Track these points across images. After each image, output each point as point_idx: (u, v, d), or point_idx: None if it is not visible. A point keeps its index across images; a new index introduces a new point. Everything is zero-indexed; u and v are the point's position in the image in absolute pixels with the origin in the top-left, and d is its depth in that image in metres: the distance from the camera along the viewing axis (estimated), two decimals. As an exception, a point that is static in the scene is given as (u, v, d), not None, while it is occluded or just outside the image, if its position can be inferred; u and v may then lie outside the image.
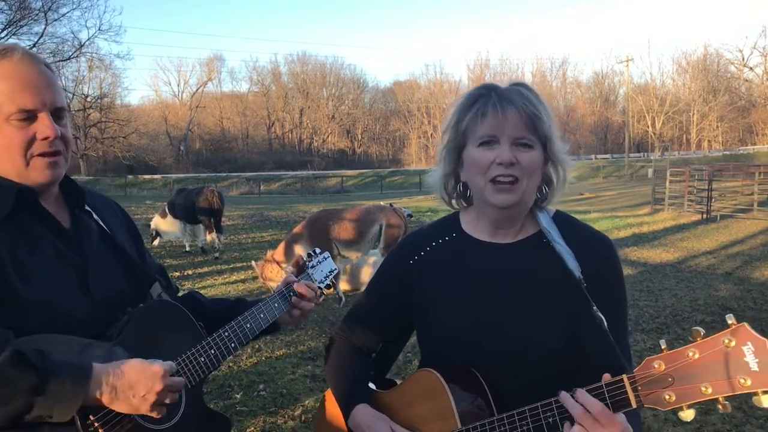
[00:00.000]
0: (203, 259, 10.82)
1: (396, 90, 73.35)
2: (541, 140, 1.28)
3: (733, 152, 53.65)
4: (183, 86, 69.99)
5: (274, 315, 1.56)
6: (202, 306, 1.54)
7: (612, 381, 1.08)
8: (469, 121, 1.29)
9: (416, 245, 1.46)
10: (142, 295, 1.42)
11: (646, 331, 5.73)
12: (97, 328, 1.26)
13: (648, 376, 1.04)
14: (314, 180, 49.35)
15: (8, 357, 1.03)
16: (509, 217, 1.34)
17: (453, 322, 1.35)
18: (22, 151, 1.23)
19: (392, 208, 8.13)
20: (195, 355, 1.36)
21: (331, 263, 1.84)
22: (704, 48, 66.07)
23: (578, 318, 1.28)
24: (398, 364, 4.83)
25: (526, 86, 1.33)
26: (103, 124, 45.32)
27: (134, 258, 1.44)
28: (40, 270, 1.22)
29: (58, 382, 1.06)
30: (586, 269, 1.27)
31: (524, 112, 1.26)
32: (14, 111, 1.21)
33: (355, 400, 1.38)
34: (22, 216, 1.24)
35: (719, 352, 0.98)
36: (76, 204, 1.38)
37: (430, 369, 1.30)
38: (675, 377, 1.02)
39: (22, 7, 28.21)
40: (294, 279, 1.67)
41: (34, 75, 1.24)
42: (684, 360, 1.02)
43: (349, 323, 1.55)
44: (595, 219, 15.84)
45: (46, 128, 1.23)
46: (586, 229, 1.39)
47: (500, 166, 1.25)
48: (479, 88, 1.33)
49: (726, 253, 10.43)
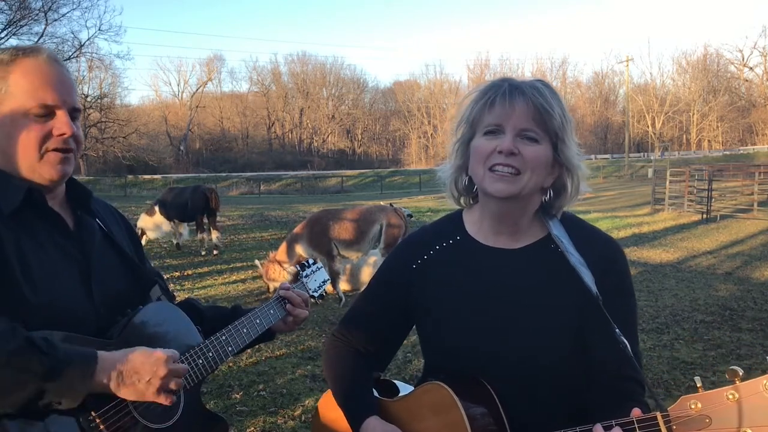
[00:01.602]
0: (203, 258, 10.82)
1: (396, 90, 73.34)
2: (550, 137, 1.23)
3: (733, 152, 53.62)
4: (183, 86, 70.08)
5: (269, 321, 1.58)
6: (200, 312, 1.55)
7: (644, 417, 1.04)
8: (478, 111, 1.26)
9: (419, 248, 1.41)
10: (142, 297, 1.43)
11: (646, 331, 5.73)
12: (98, 329, 1.27)
13: (684, 416, 1.00)
14: (314, 180, 49.33)
15: (21, 343, 1.06)
16: (509, 213, 1.29)
17: (458, 330, 1.32)
18: (38, 145, 1.25)
19: (393, 208, 8.13)
20: (193, 357, 1.37)
21: (323, 273, 1.89)
22: (704, 48, 66.23)
23: (589, 326, 1.25)
24: (398, 364, 4.83)
25: (545, 82, 1.28)
26: (103, 124, 45.25)
27: (135, 260, 1.45)
28: (44, 269, 1.23)
29: (67, 367, 1.09)
30: (597, 277, 1.23)
31: (533, 104, 1.21)
32: (34, 105, 1.24)
33: (365, 412, 1.35)
34: (29, 214, 1.26)
35: (760, 396, 0.95)
36: (81, 205, 1.39)
37: (440, 382, 1.26)
38: (713, 419, 0.98)
39: (22, 7, 28.20)
40: (288, 287, 1.69)
41: (56, 74, 1.28)
42: (723, 402, 0.98)
43: (348, 325, 1.51)
44: (595, 219, 15.85)
45: (63, 125, 1.26)
46: (594, 232, 1.36)
47: (500, 154, 1.21)
48: (495, 80, 1.29)
49: (726, 253, 10.43)
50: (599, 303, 1.19)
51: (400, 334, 1.52)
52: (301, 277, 1.79)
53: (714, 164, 31.07)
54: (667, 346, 5.32)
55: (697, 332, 5.71)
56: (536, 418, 1.22)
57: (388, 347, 1.54)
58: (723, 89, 60.17)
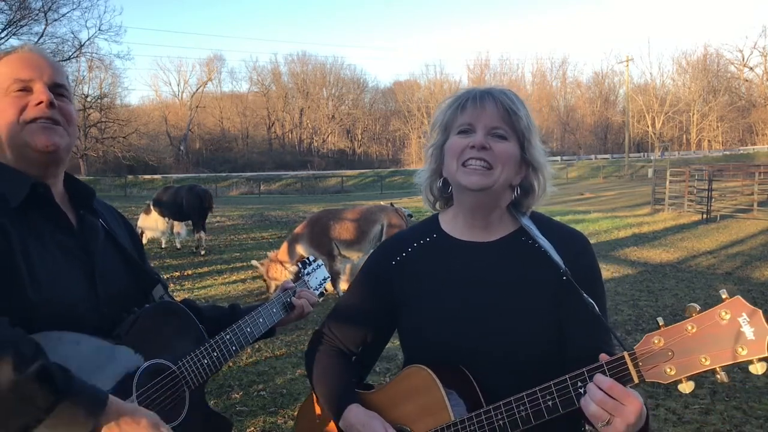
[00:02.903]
0: (203, 258, 10.83)
1: (396, 90, 73.36)
2: (517, 136, 1.32)
3: (733, 152, 53.63)
4: (183, 86, 70.11)
5: (272, 320, 1.61)
6: (199, 311, 1.56)
7: (613, 359, 1.10)
8: (451, 114, 1.36)
9: (397, 247, 1.47)
10: (145, 295, 1.43)
11: (646, 331, 5.70)
12: (103, 327, 1.27)
13: (648, 352, 1.07)
14: (314, 180, 49.33)
15: (34, 372, 1.01)
16: (482, 206, 1.36)
17: (437, 323, 1.35)
18: (17, 115, 1.26)
19: (393, 208, 8.13)
20: (199, 357, 1.38)
21: (324, 271, 1.91)
22: (704, 48, 66.33)
23: (564, 308, 1.30)
24: (398, 364, 4.83)
25: (511, 91, 1.38)
26: (103, 124, 45.29)
27: (137, 259, 1.46)
28: (47, 267, 1.22)
29: (73, 405, 1.04)
30: (567, 263, 1.30)
31: (501, 105, 1.31)
32: (11, 83, 1.27)
33: (346, 401, 1.38)
34: (32, 211, 1.25)
35: (716, 324, 1.03)
36: (83, 204, 1.38)
37: (420, 365, 1.30)
38: (674, 351, 1.05)
39: (22, 7, 28.20)
40: (291, 285, 1.72)
41: (34, 57, 1.31)
42: (682, 334, 1.05)
43: (331, 325, 1.54)
44: (595, 219, 15.85)
45: (40, 93, 1.27)
46: (562, 227, 1.43)
47: (473, 149, 1.29)
48: (464, 90, 1.40)
49: (726, 253, 10.44)
50: (569, 277, 1.26)
51: (382, 334, 1.55)
52: (303, 276, 1.81)
53: (714, 164, 31.07)
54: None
55: (697, 332, 5.70)
56: None
57: (369, 347, 1.56)
58: (723, 89, 60.18)
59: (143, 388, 1.27)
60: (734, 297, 1.03)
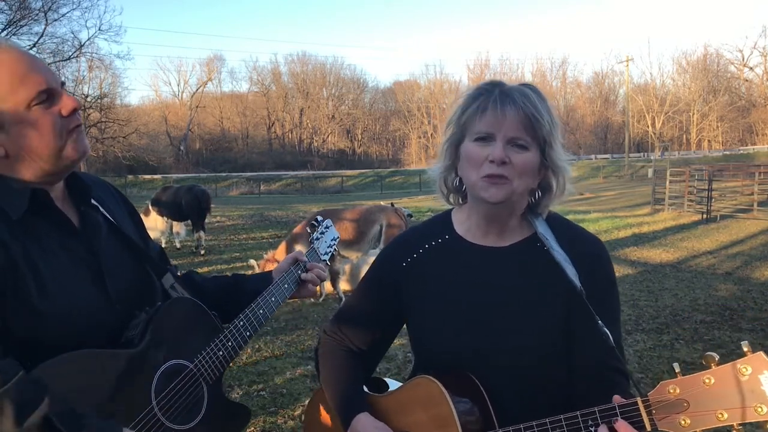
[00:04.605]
0: (203, 258, 10.83)
1: (396, 90, 73.32)
2: (538, 143, 1.27)
3: (733, 152, 53.57)
4: (183, 86, 70.07)
5: (284, 296, 1.58)
6: (202, 290, 1.53)
7: (625, 403, 1.07)
8: (469, 116, 1.29)
9: (408, 247, 1.44)
10: (154, 286, 1.39)
11: (646, 331, 5.73)
12: (116, 328, 1.25)
13: (663, 400, 1.04)
14: (314, 180, 49.34)
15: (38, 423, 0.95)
16: (499, 215, 1.34)
17: (447, 327, 1.34)
18: (54, 130, 1.18)
19: (393, 208, 8.13)
20: (214, 350, 1.36)
21: (333, 231, 1.83)
22: (704, 48, 66.27)
23: (575, 325, 1.28)
24: (398, 364, 4.83)
25: (533, 87, 1.31)
26: (103, 124, 45.23)
27: (143, 248, 1.41)
28: (55, 275, 1.18)
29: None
30: (584, 275, 1.26)
31: (523, 112, 1.25)
32: (34, 95, 1.16)
33: (355, 409, 1.37)
34: (33, 218, 1.19)
35: (735, 379, 1.00)
36: (82, 200, 1.33)
37: (429, 376, 1.29)
38: (690, 402, 1.02)
39: (22, 7, 28.16)
40: (302, 256, 1.67)
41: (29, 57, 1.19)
42: (700, 386, 1.02)
43: (340, 324, 1.53)
44: (595, 219, 15.85)
45: (69, 101, 1.19)
46: (580, 233, 1.39)
47: (492, 164, 1.25)
48: (485, 83, 1.32)
49: (726, 253, 10.43)
50: (583, 297, 1.23)
51: (390, 333, 1.54)
52: (313, 241, 1.76)
53: (714, 164, 31.06)
54: (667, 346, 5.31)
55: (697, 332, 5.71)
56: (523, 411, 1.24)
57: (377, 346, 1.55)
58: (723, 89, 60.14)
59: (162, 395, 1.24)
60: (756, 353, 1.00)
